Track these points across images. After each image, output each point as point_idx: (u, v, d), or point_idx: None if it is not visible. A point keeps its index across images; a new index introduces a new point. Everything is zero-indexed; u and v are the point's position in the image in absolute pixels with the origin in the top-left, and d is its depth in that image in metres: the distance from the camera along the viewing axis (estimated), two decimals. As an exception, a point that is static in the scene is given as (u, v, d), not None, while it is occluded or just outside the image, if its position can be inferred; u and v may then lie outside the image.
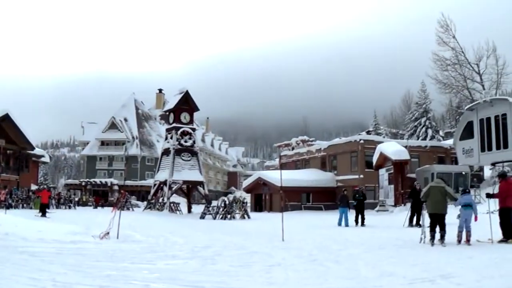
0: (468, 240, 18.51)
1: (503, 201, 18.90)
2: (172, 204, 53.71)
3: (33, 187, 68.84)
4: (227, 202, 44.74)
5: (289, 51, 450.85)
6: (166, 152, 58.17)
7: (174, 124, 57.33)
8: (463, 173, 54.19)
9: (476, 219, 18.80)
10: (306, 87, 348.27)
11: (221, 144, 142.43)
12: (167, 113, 61.47)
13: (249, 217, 44.59)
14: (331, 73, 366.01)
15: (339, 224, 32.90)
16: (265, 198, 70.67)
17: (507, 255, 14.83)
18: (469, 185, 53.25)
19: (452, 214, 18.91)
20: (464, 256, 14.74)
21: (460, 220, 18.85)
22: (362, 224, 32.79)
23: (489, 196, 19.78)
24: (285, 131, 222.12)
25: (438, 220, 18.50)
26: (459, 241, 18.61)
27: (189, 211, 57.30)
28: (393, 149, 53.67)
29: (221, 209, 43.92)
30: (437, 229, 18.54)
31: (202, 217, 44.04)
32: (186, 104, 58.18)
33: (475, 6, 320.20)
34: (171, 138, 57.20)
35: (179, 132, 56.64)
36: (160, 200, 55.67)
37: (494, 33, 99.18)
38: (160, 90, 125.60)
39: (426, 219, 19.40)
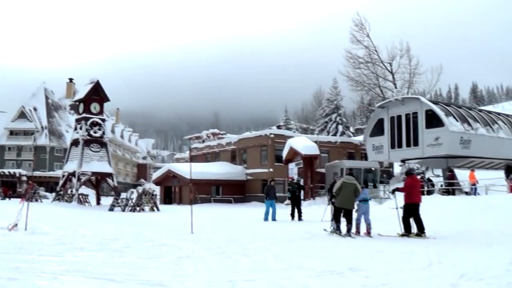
0: (368, 232, 19.77)
1: (408, 196, 19.61)
2: (80, 196, 52.87)
3: None
4: (136, 194, 44.38)
5: (201, 45, 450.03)
6: (75, 142, 57.18)
7: (84, 115, 56.41)
8: (373, 169, 55.09)
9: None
10: (218, 81, 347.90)
11: (131, 136, 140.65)
12: (77, 103, 60.35)
13: (158, 210, 44.36)
14: (243, 68, 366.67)
15: (265, 219, 30.44)
16: (174, 190, 70.31)
17: (415, 248, 15.16)
18: (378, 181, 54.31)
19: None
20: (372, 250, 15.02)
21: (357, 214, 20.27)
22: (299, 218, 30.98)
23: (395, 190, 20.43)
24: (196, 124, 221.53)
25: (346, 215, 19.56)
26: (358, 232, 19.99)
27: (98, 203, 56.51)
28: (303, 144, 54.13)
29: (130, 201, 43.57)
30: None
31: (111, 209, 43.63)
32: (97, 94, 57.30)
33: (392, 6, 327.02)
34: (81, 128, 56.25)
35: (88, 122, 55.76)
36: (69, 191, 54.66)
37: (409, 34, 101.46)
38: (71, 80, 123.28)
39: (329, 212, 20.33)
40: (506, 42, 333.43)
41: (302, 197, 34.00)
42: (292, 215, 31.29)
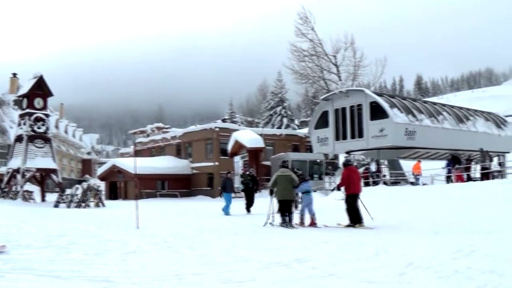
0: (314, 223, 20.13)
1: (347, 188, 19.91)
2: (25, 193, 52.03)
3: None
4: (81, 190, 43.93)
5: (144, 40, 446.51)
6: (19, 138, 56.17)
7: (28, 110, 55.41)
8: (318, 161, 55.44)
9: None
10: (162, 75, 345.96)
11: (75, 131, 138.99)
12: (21, 98, 59.25)
13: (103, 205, 43.98)
14: (187, 62, 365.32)
15: (227, 212, 29.15)
16: (120, 185, 69.74)
17: (362, 238, 15.21)
18: (324, 173, 54.60)
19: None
20: (319, 241, 15.02)
21: (301, 205, 20.77)
22: (248, 210, 30.02)
23: (337, 189, 20.75)
24: (141, 118, 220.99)
25: (286, 206, 19.97)
26: (303, 224, 20.28)
27: (43, 199, 55.65)
28: (248, 137, 54.20)
29: (75, 197, 43.10)
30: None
31: (56, 205, 43.04)
32: (40, 89, 56.32)
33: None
34: (24, 124, 55.24)
35: (32, 118, 54.81)
36: (14, 188, 53.76)
37: (354, 27, 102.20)
38: (15, 75, 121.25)
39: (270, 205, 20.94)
40: (450, 34, 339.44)
41: (255, 189, 33.40)
42: (248, 208, 30.37)
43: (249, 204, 30.40)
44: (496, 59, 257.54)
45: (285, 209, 20.07)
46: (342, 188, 20.21)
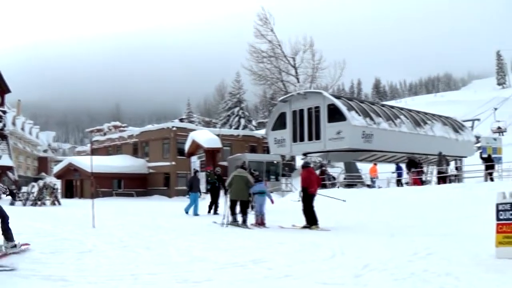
0: (263, 223, 20.43)
1: (304, 189, 20.10)
2: (-20, 190, 51.33)
3: None
4: (37, 188, 43.45)
5: (102, 37, 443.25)
6: (-24, 136, 55.64)
7: (-16, 107, 54.90)
8: (275, 162, 55.54)
9: (272, 202, 21.38)
10: (119, 74, 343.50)
11: (32, 128, 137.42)
12: (-24, 94, 58.66)
13: (59, 204, 43.49)
14: (145, 61, 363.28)
15: (195, 212, 28.56)
16: (76, 184, 69.10)
17: (318, 240, 15.26)
18: (280, 174, 54.73)
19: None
20: (275, 242, 15.03)
21: (255, 206, 20.96)
22: (215, 212, 28.84)
23: (304, 191, 20.74)
24: (98, 116, 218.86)
25: (241, 206, 20.57)
26: (258, 224, 20.42)
27: (-1, 197, 55.10)
28: (206, 137, 54.12)
29: (31, 195, 42.68)
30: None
31: (12, 203, 42.49)
32: (-3, 85, 55.82)
33: (297, 1, 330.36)
34: (-19, 121, 54.72)
35: (-11, 115, 54.30)
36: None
37: (313, 29, 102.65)
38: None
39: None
40: (409, 39, 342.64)
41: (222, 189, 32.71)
42: (210, 209, 29.46)
43: (214, 204, 29.67)
44: (455, 64, 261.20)
45: (239, 208, 20.68)
46: (300, 189, 20.36)
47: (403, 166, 42.53)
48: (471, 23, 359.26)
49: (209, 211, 29.34)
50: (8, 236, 12.66)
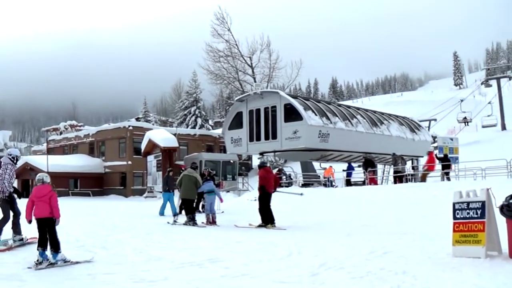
0: (214, 222, 20.92)
1: (261, 188, 20.23)
2: None
3: None
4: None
5: (57, 35, 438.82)
6: None
7: None
8: (231, 161, 55.47)
9: (221, 200, 22.67)
10: (76, 73, 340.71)
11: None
12: None
13: (15, 203, 42.89)
14: (102, 60, 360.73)
15: (161, 213, 27.39)
16: (32, 184, 68.23)
17: (275, 239, 15.30)
18: (237, 173, 54.67)
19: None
20: (232, 241, 15.05)
21: (206, 205, 21.68)
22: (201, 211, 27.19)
23: (263, 189, 20.76)
24: (54, 115, 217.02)
25: (188, 204, 21.10)
26: (209, 222, 20.87)
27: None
28: (162, 136, 53.86)
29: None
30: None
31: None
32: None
33: (254, 1, 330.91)
34: None
35: None
36: None
37: (270, 28, 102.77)
38: None
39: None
40: (367, 40, 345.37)
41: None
42: (196, 207, 26.82)
43: (197, 203, 29.01)
44: (412, 65, 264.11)
45: (188, 207, 21.13)
46: (257, 188, 20.47)
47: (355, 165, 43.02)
48: (428, 25, 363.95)
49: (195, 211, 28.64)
50: (17, 230, 14.08)
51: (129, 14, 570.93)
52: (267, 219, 19.56)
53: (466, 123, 77.82)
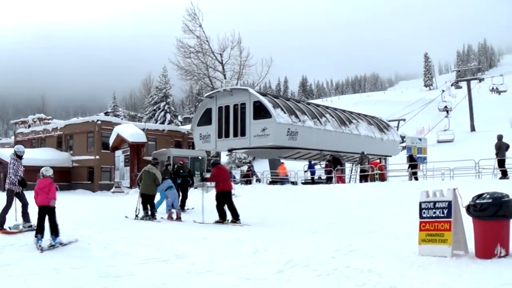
0: (179, 218, 21.33)
1: (217, 186, 20.61)
2: None
3: None
4: None
5: (24, 27, 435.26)
6: None
7: None
8: (200, 157, 55.33)
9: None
10: (45, 65, 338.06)
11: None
12: None
13: (-21, 196, 42.55)
14: (71, 53, 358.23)
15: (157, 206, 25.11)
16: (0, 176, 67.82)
17: (241, 236, 15.27)
18: (205, 170, 54.56)
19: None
20: (198, 237, 15.02)
21: (167, 201, 22.35)
22: (182, 207, 26.25)
23: (203, 180, 21.38)
24: (23, 108, 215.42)
25: (148, 200, 21.38)
26: (171, 218, 21.33)
27: None
28: (130, 131, 53.56)
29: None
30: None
31: None
32: None
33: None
34: None
35: None
36: None
37: (241, 26, 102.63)
38: None
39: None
40: (337, 39, 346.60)
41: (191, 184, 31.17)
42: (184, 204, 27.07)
43: (184, 199, 27.36)
44: (382, 65, 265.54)
45: (147, 202, 21.41)
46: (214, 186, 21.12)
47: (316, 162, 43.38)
48: (400, 26, 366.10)
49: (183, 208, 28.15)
50: (26, 218, 16.49)
51: (100, 7, 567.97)
52: (225, 215, 19.97)
53: (447, 112, 78.97)
